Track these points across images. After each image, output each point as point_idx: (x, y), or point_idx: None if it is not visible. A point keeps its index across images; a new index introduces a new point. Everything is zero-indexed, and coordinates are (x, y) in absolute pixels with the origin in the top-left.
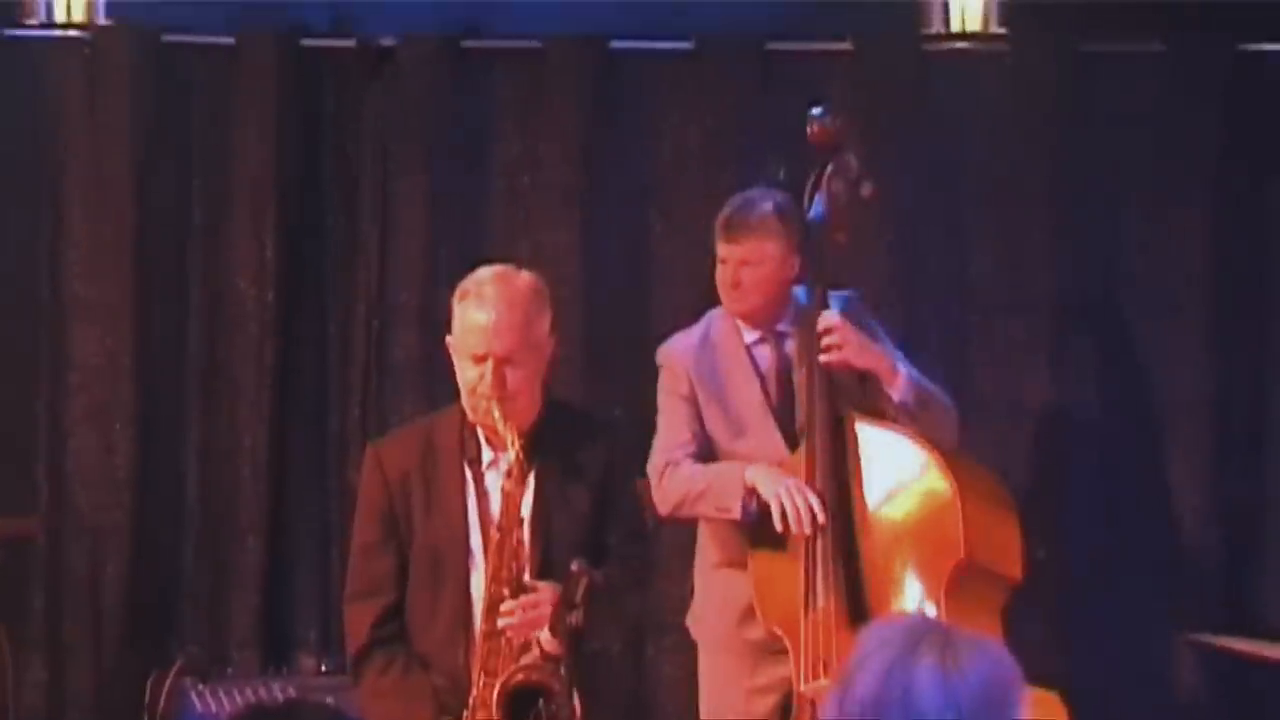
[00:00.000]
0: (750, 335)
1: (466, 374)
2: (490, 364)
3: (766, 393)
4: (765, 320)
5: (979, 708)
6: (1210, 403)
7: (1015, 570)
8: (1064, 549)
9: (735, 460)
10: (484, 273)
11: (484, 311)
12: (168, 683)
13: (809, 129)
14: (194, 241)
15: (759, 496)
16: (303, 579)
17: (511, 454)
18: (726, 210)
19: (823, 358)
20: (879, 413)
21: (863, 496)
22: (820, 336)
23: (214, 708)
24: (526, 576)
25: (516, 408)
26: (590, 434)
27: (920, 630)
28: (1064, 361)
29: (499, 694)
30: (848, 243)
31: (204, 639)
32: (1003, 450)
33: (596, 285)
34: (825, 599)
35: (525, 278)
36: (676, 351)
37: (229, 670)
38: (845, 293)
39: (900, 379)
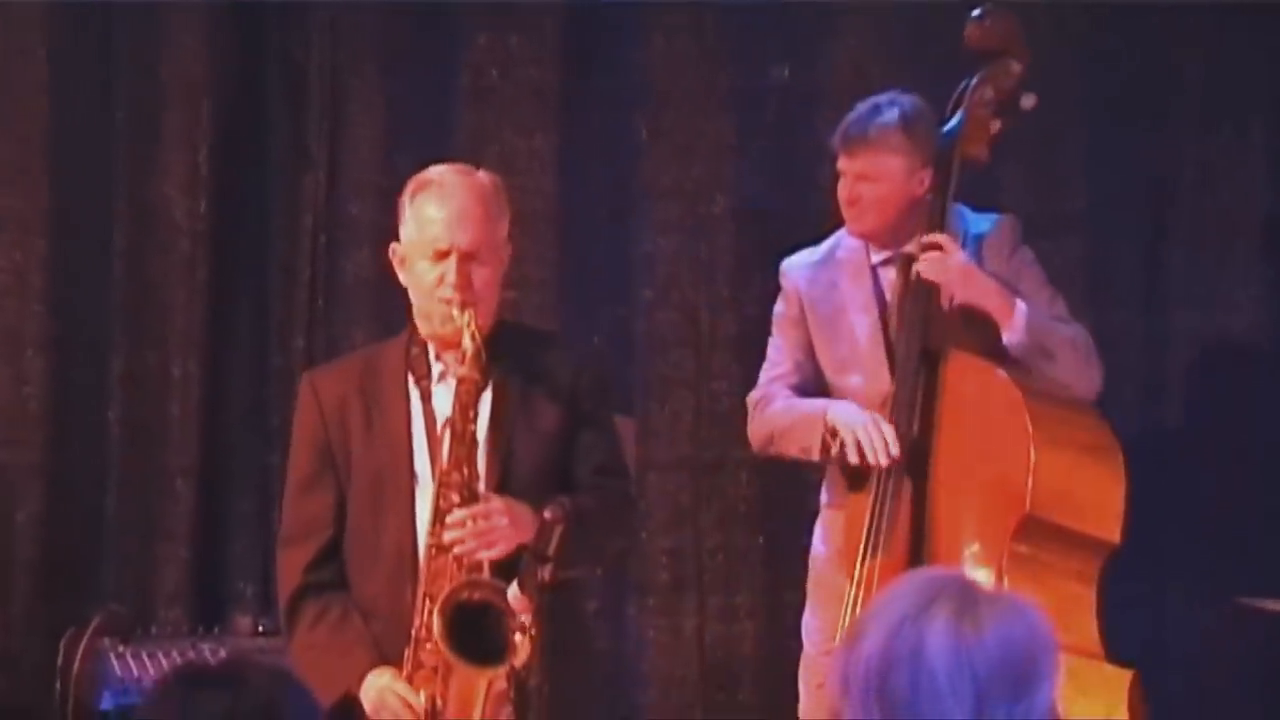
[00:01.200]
0: (879, 254)
1: (424, 277)
2: (454, 259)
3: (884, 322)
4: (892, 240)
5: (996, 674)
6: (1269, 339)
7: (1109, 532)
8: None
9: (837, 393)
10: (439, 167)
11: (446, 203)
12: (84, 643)
13: (966, 34)
14: (117, 145)
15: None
16: (238, 528)
17: (467, 338)
18: (848, 118)
19: (919, 272)
20: (995, 352)
21: (946, 442)
22: (918, 255)
23: (136, 672)
24: (481, 485)
25: (478, 311)
26: (553, 351)
27: (939, 585)
28: (1102, 290)
29: (440, 611)
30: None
31: (126, 594)
32: None
33: (575, 198)
34: (886, 549)
35: (485, 174)
36: (792, 269)
37: (154, 630)
38: (995, 215)
39: (1016, 318)
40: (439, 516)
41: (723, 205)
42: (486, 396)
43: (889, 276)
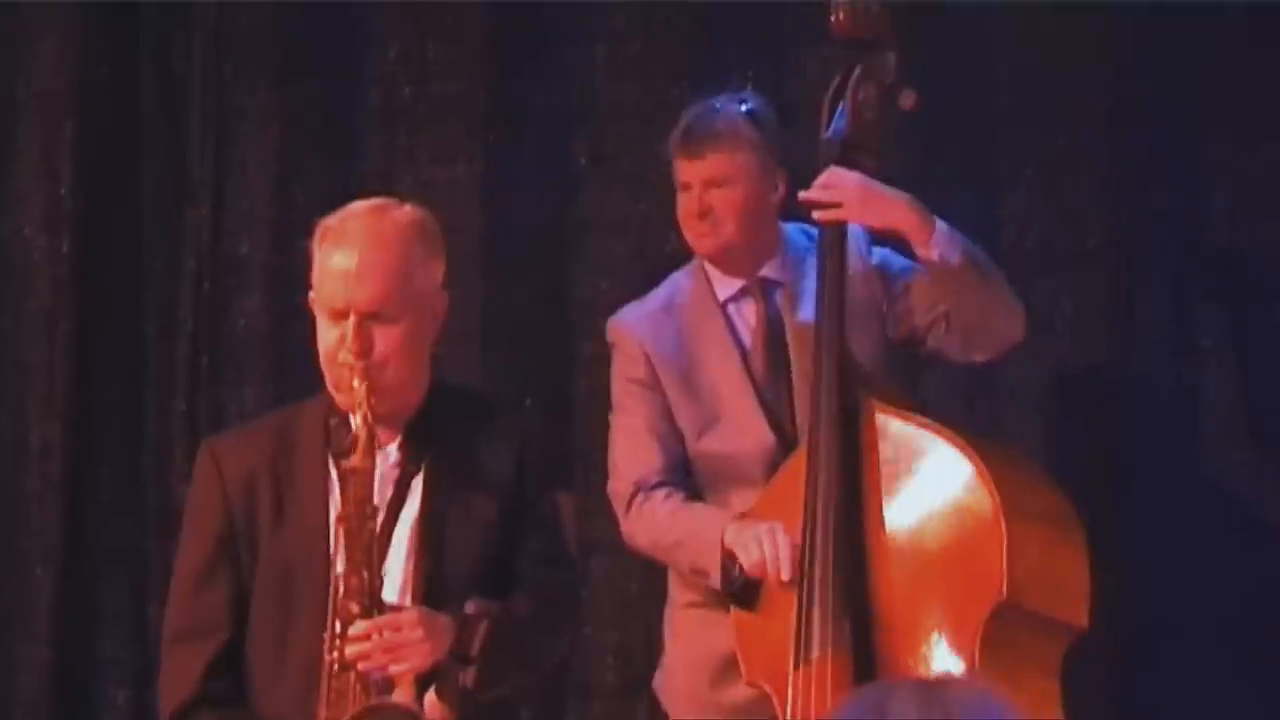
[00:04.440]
0: (726, 289)
1: (326, 337)
2: (352, 320)
3: (747, 365)
4: (746, 263)
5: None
6: None
7: (1078, 615)
8: (1134, 573)
9: (702, 461)
10: (353, 207)
11: (345, 253)
12: None
13: (833, 18)
14: None
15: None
16: (109, 624)
17: (357, 418)
18: (683, 120)
19: (817, 215)
20: (906, 404)
21: (880, 515)
22: (815, 197)
23: None
24: (386, 590)
25: (385, 380)
26: (494, 425)
27: (892, 684)
28: (1130, 332)
29: None
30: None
31: None
32: (1050, 447)
33: (502, 235)
34: (822, 648)
35: (405, 212)
36: (628, 324)
37: None
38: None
39: (937, 232)
40: (338, 632)
41: (676, 243)
42: (418, 482)
43: (744, 312)
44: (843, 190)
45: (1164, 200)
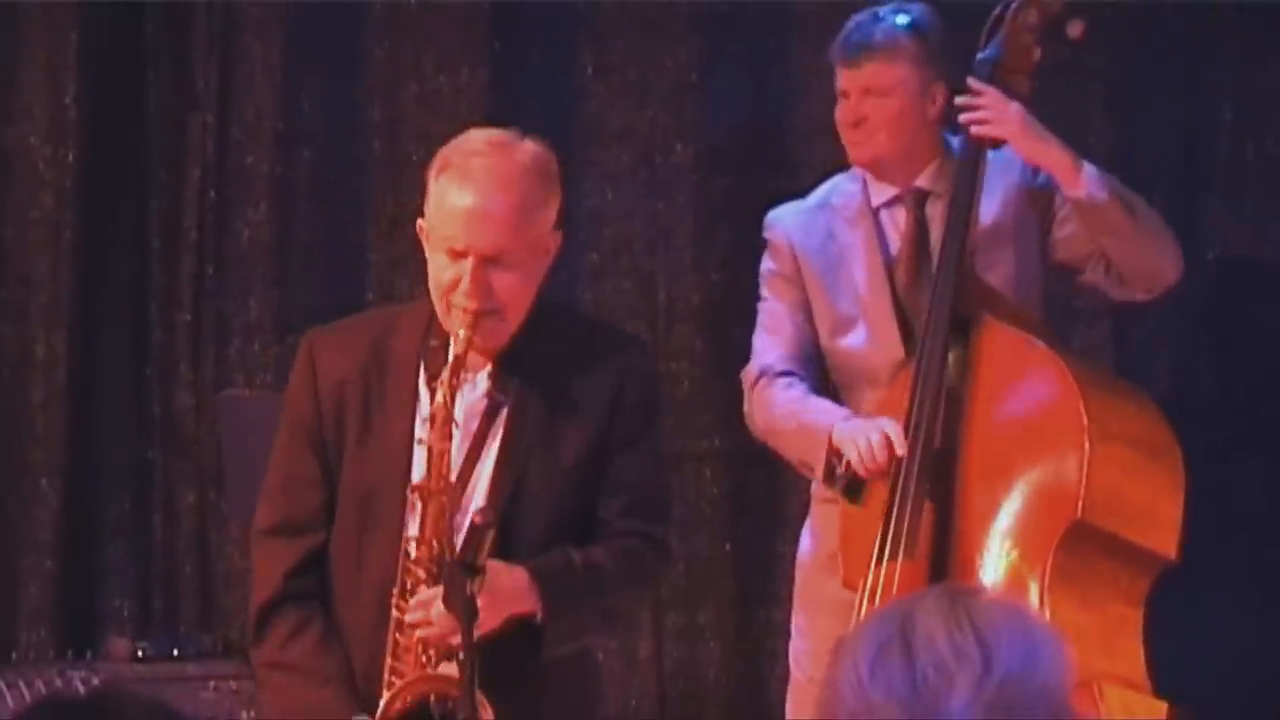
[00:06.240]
0: (880, 195)
1: (441, 273)
2: (470, 263)
3: (889, 271)
4: (901, 171)
5: (1003, 630)
6: None
7: (1164, 545)
8: None
9: (836, 358)
10: (474, 139)
11: (468, 192)
12: None
13: None
14: None
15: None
16: (113, 535)
17: (441, 393)
18: (847, 26)
19: (975, 129)
20: (1027, 321)
21: (976, 425)
22: (974, 116)
23: None
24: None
25: (500, 324)
26: (596, 357)
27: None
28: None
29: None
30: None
31: None
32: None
33: None
34: (902, 550)
35: (528, 149)
36: (780, 219)
37: (14, 655)
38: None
39: (1085, 171)
40: (403, 590)
41: (683, 152)
42: (504, 415)
43: (895, 219)
44: (1002, 110)
45: (1169, 112)
